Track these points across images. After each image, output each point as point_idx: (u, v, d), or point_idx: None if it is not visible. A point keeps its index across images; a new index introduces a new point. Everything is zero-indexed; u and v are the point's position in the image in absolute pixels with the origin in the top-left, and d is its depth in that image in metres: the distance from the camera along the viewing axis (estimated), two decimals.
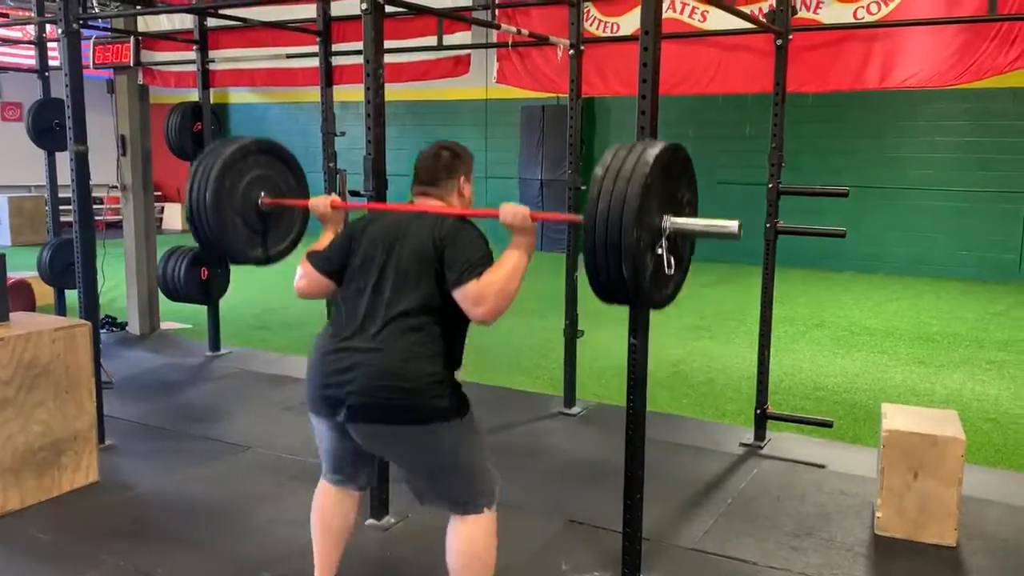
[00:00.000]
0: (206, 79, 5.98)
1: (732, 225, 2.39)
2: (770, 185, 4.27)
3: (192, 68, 6.15)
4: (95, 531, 3.45)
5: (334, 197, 2.91)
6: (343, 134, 5.49)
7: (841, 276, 10.40)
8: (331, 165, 5.46)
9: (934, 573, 3.18)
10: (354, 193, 3.44)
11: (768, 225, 4.30)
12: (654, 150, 2.31)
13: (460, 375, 2.50)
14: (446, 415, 2.38)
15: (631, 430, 2.90)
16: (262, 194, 3.15)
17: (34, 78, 6.65)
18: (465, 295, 2.31)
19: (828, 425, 4.40)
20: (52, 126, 6.33)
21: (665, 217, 2.38)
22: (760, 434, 4.50)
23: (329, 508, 2.67)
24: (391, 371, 2.34)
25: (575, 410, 5.01)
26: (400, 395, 2.33)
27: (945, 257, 10.49)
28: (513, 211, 2.40)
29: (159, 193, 15.29)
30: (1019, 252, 10.20)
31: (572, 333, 4.96)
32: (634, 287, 2.32)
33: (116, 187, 6.69)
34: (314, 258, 2.62)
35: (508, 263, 2.35)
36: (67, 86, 4.06)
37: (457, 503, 2.47)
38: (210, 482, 3.98)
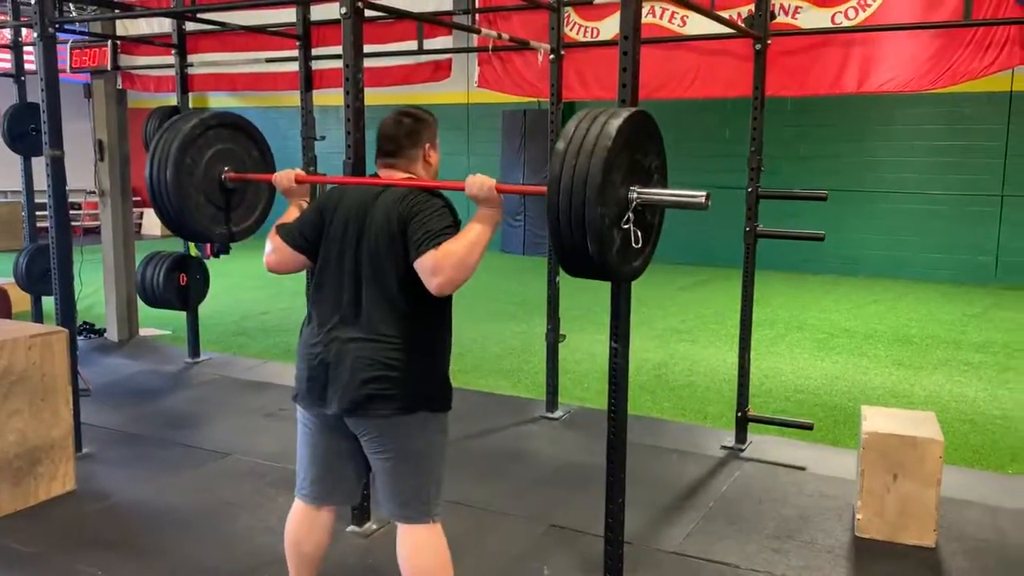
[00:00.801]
0: (185, 83, 5.94)
1: (699, 195, 2.35)
2: (749, 189, 4.30)
3: (171, 72, 6.11)
4: (72, 540, 3.40)
5: (298, 171, 2.83)
6: (323, 138, 5.47)
7: (820, 279, 10.48)
8: (311, 169, 5.43)
9: (914, 574, 3.19)
10: None
11: (748, 229, 4.33)
12: (617, 121, 2.26)
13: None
14: (432, 405, 2.40)
15: (613, 433, 2.90)
16: (226, 169, 3.07)
17: (9, 83, 6.58)
18: (423, 265, 2.26)
19: (809, 427, 4.43)
20: (28, 131, 6.26)
21: (632, 189, 2.35)
22: (741, 437, 4.51)
23: (301, 531, 2.60)
24: (378, 361, 2.33)
25: (557, 414, 5.01)
26: (389, 385, 2.33)
27: (923, 260, 10.59)
28: (480, 183, 2.34)
29: (137, 199, 15.16)
30: (995, 255, 10.32)
31: (554, 338, 4.96)
32: (600, 262, 2.29)
33: (94, 192, 6.62)
34: (284, 232, 2.55)
35: (470, 234, 2.29)
36: (43, 90, 4.01)
37: (410, 506, 2.44)
38: (189, 490, 3.94)
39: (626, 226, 2.34)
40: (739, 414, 4.50)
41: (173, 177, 2.91)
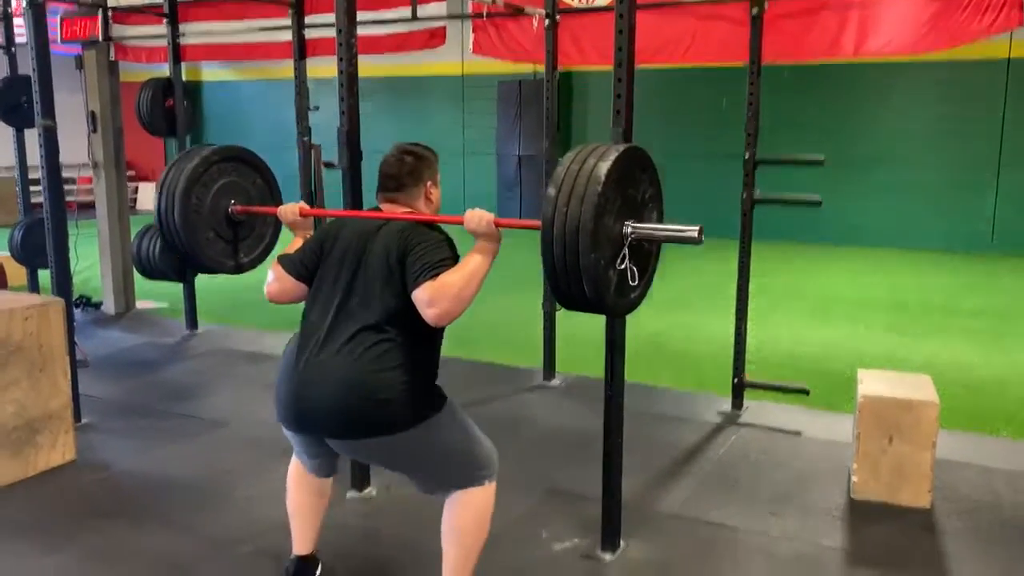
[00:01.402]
0: (177, 53, 5.88)
1: (693, 230, 2.37)
2: (747, 155, 4.28)
3: (163, 43, 6.05)
4: (72, 509, 3.42)
5: (302, 204, 2.87)
6: (317, 108, 5.44)
7: (817, 249, 10.47)
8: (305, 140, 5.41)
9: (909, 534, 3.22)
10: (328, 164, 3.41)
11: (745, 195, 4.32)
12: (606, 164, 2.25)
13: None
14: (420, 417, 2.34)
15: (610, 397, 2.91)
16: (232, 202, 3.12)
17: (2, 60, 6.51)
18: (420, 296, 2.27)
19: (805, 392, 4.45)
20: (20, 103, 6.20)
21: (626, 224, 2.36)
22: (738, 403, 4.54)
23: (301, 486, 2.65)
24: (361, 384, 2.29)
25: (555, 382, 5.03)
26: (373, 407, 2.30)
27: (919, 229, 10.58)
28: (478, 217, 2.39)
29: (132, 173, 15.09)
30: (991, 224, 10.31)
31: (551, 306, 4.97)
32: (598, 304, 2.31)
33: (87, 163, 6.58)
34: (285, 261, 2.58)
35: (468, 266, 2.32)
36: (33, 60, 3.97)
37: (459, 486, 2.46)
38: (188, 459, 3.95)
39: (622, 267, 2.35)
40: (735, 380, 4.52)
41: (181, 216, 2.97)
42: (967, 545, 3.14)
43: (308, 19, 5.41)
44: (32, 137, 4.53)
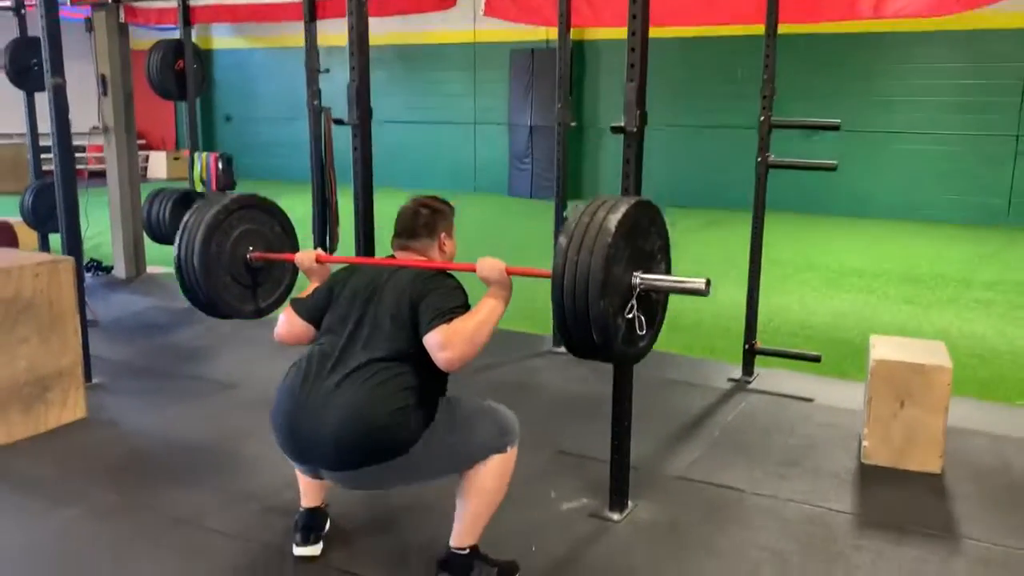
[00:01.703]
0: (187, 15, 5.84)
1: (699, 283, 2.40)
2: (762, 118, 4.22)
3: (173, 4, 6.00)
4: (83, 465, 3.44)
5: (319, 252, 2.91)
6: (327, 71, 5.37)
7: (831, 220, 10.38)
8: (315, 103, 5.36)
9: (918, 498, 3.21)
10: (338, 121, 3.38)
11: (759, 159, 4.26)
12: (616, 216, 2.30)
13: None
14: (416, 435, 2.32)
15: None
16: (250, 249, 3.15)
17: (11, 22, 6.48)
18: (433, 340, 2.29)
19: (816, 359, 4.42)
20: (30, 66, 6.18)
21: (635, 274, 2.40)
22: (748, 370, 4.51)
23: None
24: (361, 415, 2.28)
25: (564, 348, 5.00)
26: (372, 437, 2.28)
27: (934, 201, 10.47)
28: (491, 266, 2.44)
29: (143, 141, 15.09)
30: (1008, 197, 10.19)
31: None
32: (606, 352, 2.36)
33: (97, 128, 6.56)
34: (296, 304, 2.63)
35: (481, 312, 2.36)
36: (42, 16, 3.94)
37: (478, 461, 2.45)
38: (198, 419, 3.97)
39: (630, 315, 2.37)
40: (746, 346, 4.49)
41: (201, 263, 3.00)
42: (977, 509, 3.12)
43: None
44: (43, 103, 4.50)
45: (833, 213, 10.69)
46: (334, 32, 5.64)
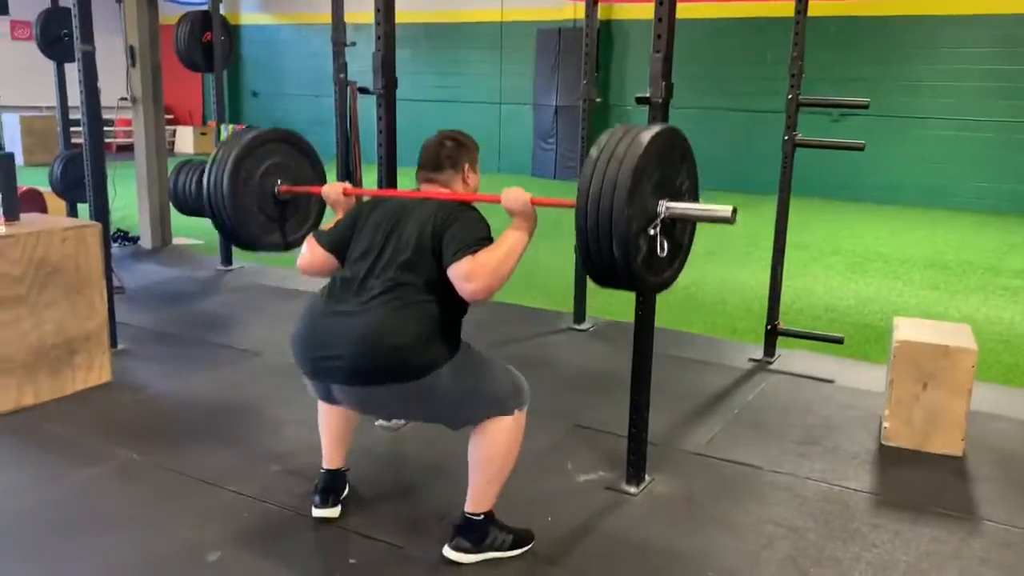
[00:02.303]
0: None
1: (726, 210, 2.40)
2: (789, 96, 4.17)
3: None
4: (109, 427, 3.50)
5: (346, 185, 2.90)
6: (354, 44, 5.39)
7: (857, 206, 10.27)
8: (341, 76, 5.37)
9: (940, 480, 3.19)
10: (363, 90, 3.39)
11: (786, 138, 4.22)
12: (649, 132, 2.31)
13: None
14: (436, 363, 2.33)
15: (639, 326, 2.89)
16: (279, 182, 3.16)
17: None
18: (458, 271, 2.29)
19: (839, 341, 4.38)
20: (60, 36, 6.23)
21: (661, 202, 2.39)
22: (770, 350, 4.49)
23: (332, 410, 2.71)
24: (379, 332, 2.29)
25: (585, 326, 5.02)
26: (389, 353, 2.29)
27: (963, 188, 10.32)
28: (515, 196, 2.42)
29: (171, 116, 15.20)
30: None
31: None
32: (625, 269, 2.32)
33: (125, 99, 6.61)
34: (320, 235, 2.63)
35: (506, 244, 2.35)
36: None
37: (486, 418, 2.45)
38: (222, 384, 4.02)
39: (652, 232, 2.36)
40: (768, 327, 4.46)
41: (229, 185, 3.02)
42: (999, 492, 3.10)
43: None
44: (72, 75, 4.54)
45: (860, 199, 10.58)
46: (361, 9, 5.66)
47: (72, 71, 4.48)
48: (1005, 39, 9.91)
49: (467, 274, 2.28)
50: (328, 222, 2.76)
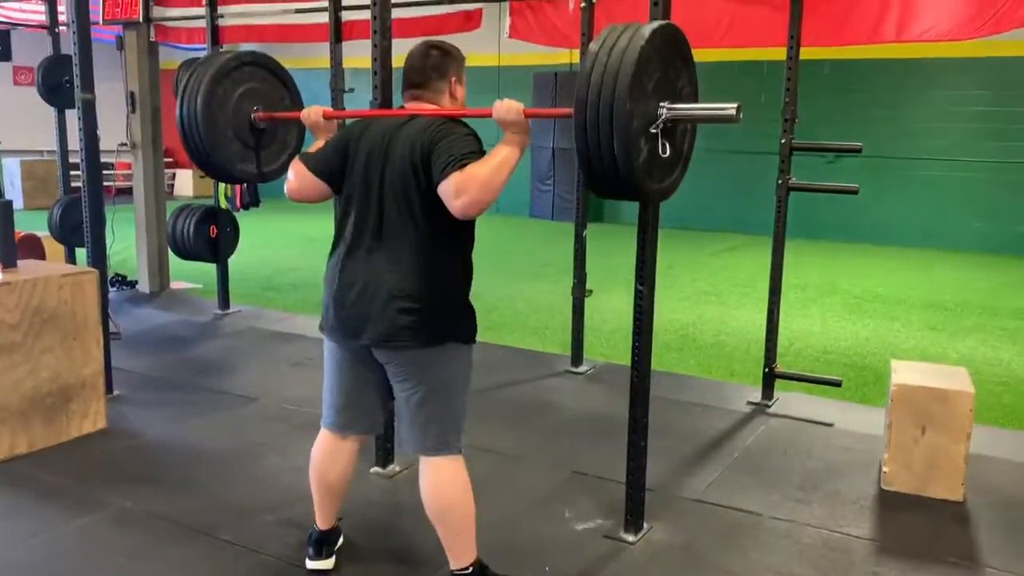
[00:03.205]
0: (215, 35, 5.94)
1: (730, 108, 2.33)
2: (783, 141, 4.21)
3: (202, 24, 6.11)
4: (103, 475, 3.47)
5: (326, 108, 2.83)
6: (352, 90, 5.44)
7: (853, 247, 10.32)
8: (340, 123, 5.42)
9: (940, 526, 3.16)
10: None
11: (780, 182, 4.25)
12: (651, 26, 2.27)
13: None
14: (458, 335, 2.39)
15: (636, 374, 2.88)
16: (255, 108, 3.09)
17: (46, 42, 6.64)
18: (447, 187, 2.21)
19: (837, 384, 4.37)
20: (62, 83, 6.30)
21: (661, 104, 2.34)
22: (768, 393, 4.47)
23: (326, 461, 2.64)
24: (405, 292, 2.32)
25: (582, 368, 5.00)
26: (417, 317, 2.32)
27: (959, 229, 10.38)
28: (507, 107, 2.33)
29: (170, 160, 15.30)
30: None
31: (580, 292, 4.93)
32: (627, 172, 2.26)
33: (125, 145, 6.67)
34: (307, 159, 2.55)
35: (497, 157, 2.25)
36: (73, 32, 4.02)
37: (431, 437, 2.43)
38: (217, 431, 3.99)
39: (654, 131, 2.30)
40: (766, 370, 4.45)
41: (203, 107, 2.93)
42: (1000, 537, 3.07)
43: (345, 1, 5.42)
44: (73, 121, 4.58)
45: (857, 240, 10.63)
46: (360, 55, 5.74)
47: (73, 117, 4.53)
48: (997, 82, 10.04)
49: (456, 189, 2.18)
50: (311, 146, 2.68)
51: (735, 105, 2.32)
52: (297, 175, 2.54)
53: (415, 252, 2.34)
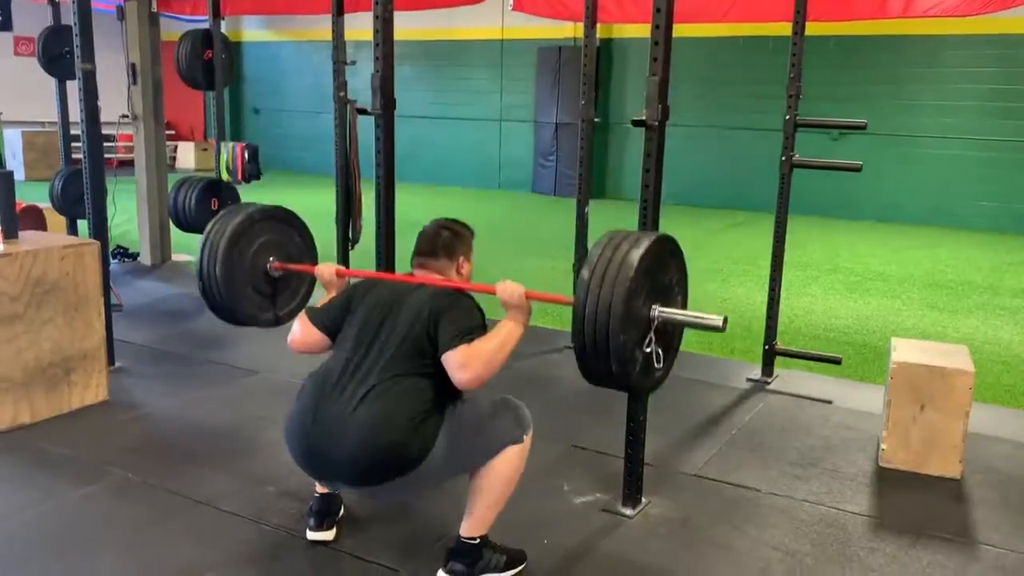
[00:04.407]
0: (217, 6, 5.88)
1: (716, 320, 2.48)
2: (787, 117, 4.19)
3: None
4: (104, 445, 3.49)
5: (339, 267, 2.94)
6: (354, 63, 5.40)
7: (857, 225, 10.29)
8: (341, 95, 5.39)
9: (937, 503, 3.17)
10: (362, 111, 3.39)
11: (784, 158, 4.23)
12: (638, 252, 2.38)
13: None
14: (431, 442, 2.33)
15: None
16: (271, 259, 3.17)
17: (46, 12, 6.58)
18: (453, 359, 2.31)
19: (836, 362, 4.38)
20: (62, 53, 6.26)
21: (653, 307, 2.47)
22: (768, 370, 4.48)
23: None
24: (375, 432, 2.28)
25: None
26: (388, 451, 2.29)
27: (963, 207, 10.34)
28: (511, 290, 2.47)
29: (172, 132, 15.24)
30: None
31: (581, 268, 4.92)
32: (623, 381, 2.45)
33: (126, 116, 6.64)
34: (311, 313, 2.64)
35: (500, 334, 2.40)
36: (74, 3, 3.99)
37: (500, 443, 2.45)
38: (219, 403, 4.01)
39: (648, 349, 2.46)
40: (766, 347, 4.46)
41: (223, 272, 3.04)
42: (997, 515, 3.08)
43: None
44: (74, 92, 4.56)
45: (860, 218, 10.60)
46: (362, 27, 5.69)
47: (74, 88, 4.50)
48: (1005, 59, 9.96)
49: (462, 363, 2.30)
50: (319, 298, 2.78)
51: (722, 318, 2.48)
52: (303, 330, 2.62)
53: (402, 403, 2.32)
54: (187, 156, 15.58)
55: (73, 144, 6.73)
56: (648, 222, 2.83)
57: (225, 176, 6.37)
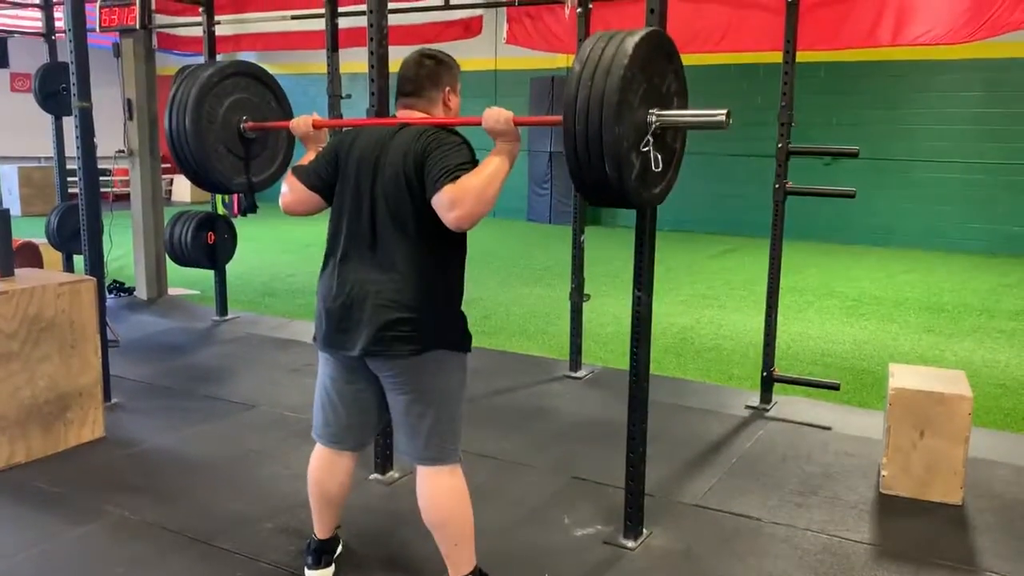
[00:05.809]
0: (212, 42, 5.93)
1: (719, 113, 2.31)
2: (780, 145, 4.22)
3: (199, 33, 6.11)
4: (100, 483, 3.46)
5: (315, 116, 2.82)
6: (349, 96, 5.45)
7: (852, 249, 10.33)
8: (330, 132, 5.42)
9: (939, 530, 3.15)
10: None
11: (777, 186, 4.26)
12: (633, 39, 2.23)
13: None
14: (451, 343, 2.38)
15: (635, 381, 2.88)
16: (244, 118, 3.08)
17: (42, 48, 6.64)
18: (440, 199, 2.21)
19: (835, 388, 4.37)
20: (58, 90, 6.30)
21: (650, 111, 2.32)
22: (766, 397, 4.47)
23: (323, 474, 2.62)
24: (398, 301, 2.31)
25: (581, 373, 5.00)
26: (410, 327, 2.31)
27: (957, 230, 10.39)
28: (497, 115, 2.31)
29: (167, 165, 15.27)
30: None
31: (579, 297, 4.94)
32: (619, 188, 2.25)
33: (123, 152, 6.66)
34: (300, 172, 2.55)
35: (489, 168, 2.25)
36: (70, 41, 4.02)
37: (430, 447, 2.42)
38: (216, 438, 3.99)
39: (645, 149, 2.30)
40: (764, 374, 4.46)
41: (192, 125, 2.91)
42: (999, 541, 3.06)
43: (342, 8, 5.43)
44: (70, 127, 4.58)
45: (855, 242, 10.64)
46: (357, 60, 5.75)
47: (70, 123, 4.52)
48: (995, 82, 10.06)
49: (451, 201, 2.18)
50: (302, 158, 2.68)
51: (724, 111, 2.31)
52: (291, 189, 2.54)
53: (408, 261, 2.33)
54: (183, 189, 15.60)
55: (69, 179, 6.76)
56: (644, 254, 2.83)
57: (221, 210, 6.39)
